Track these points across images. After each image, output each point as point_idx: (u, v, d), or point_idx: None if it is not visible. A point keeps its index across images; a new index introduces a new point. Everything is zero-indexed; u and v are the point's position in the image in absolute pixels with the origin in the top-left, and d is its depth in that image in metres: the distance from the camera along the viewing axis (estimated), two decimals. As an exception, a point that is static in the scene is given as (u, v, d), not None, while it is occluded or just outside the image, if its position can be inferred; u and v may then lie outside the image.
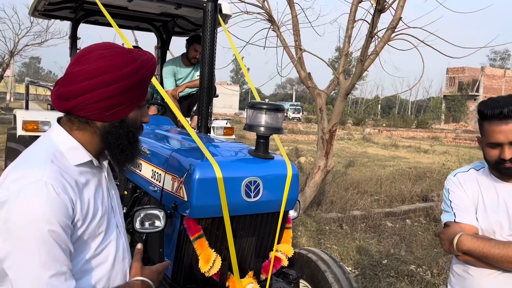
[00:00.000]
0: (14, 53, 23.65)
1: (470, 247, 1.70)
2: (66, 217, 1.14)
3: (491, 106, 1.64)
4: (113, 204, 1.39)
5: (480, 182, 1.81)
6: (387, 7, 5.69)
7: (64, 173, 1.19)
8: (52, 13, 3.95)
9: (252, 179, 2.01)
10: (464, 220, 1.79)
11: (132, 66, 1.23)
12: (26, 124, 3.20)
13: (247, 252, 2.18)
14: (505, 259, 1.65)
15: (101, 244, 1.28)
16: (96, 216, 1.25)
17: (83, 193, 1.23)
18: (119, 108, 1.25)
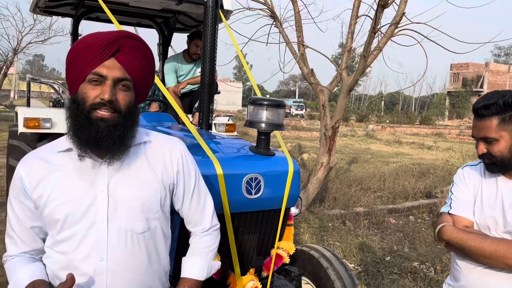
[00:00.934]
0: (17, 50, 23.68)
1: (449, 237, 1.74)
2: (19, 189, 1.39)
3: (477, 101, 1.72)
4: (103, 199, 1.37)
5: (485, 176, 1.82)
6: (390, 2, 5.65)
7: (40, 158, 1.40)
8: (53, 10, 3.94)
9: (253, 175, 1.99)
10: (457, 212, 1.82)
11: (69, 50, 1.39)
12: (28, 121, 3.19)
13: (248, 249, 2.16)
14: (480, 253, 1.66)
15: (60, 233, 1.36)
16: (52, 201, 1.35)
17: (52, 177, 1.37)
18: (71, 85, 1.37)
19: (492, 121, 1.66)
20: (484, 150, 1.70)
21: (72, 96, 1.36)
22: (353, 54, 7.17)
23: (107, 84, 1.32)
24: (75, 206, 1.33)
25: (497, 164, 1.69)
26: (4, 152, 11.38)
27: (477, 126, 1.70)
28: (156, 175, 1.46)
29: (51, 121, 3.29)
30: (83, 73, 1.32)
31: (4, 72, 24.55)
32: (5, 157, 10.65)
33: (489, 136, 1.67)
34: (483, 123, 1.68)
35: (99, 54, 1.31)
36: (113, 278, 1.36)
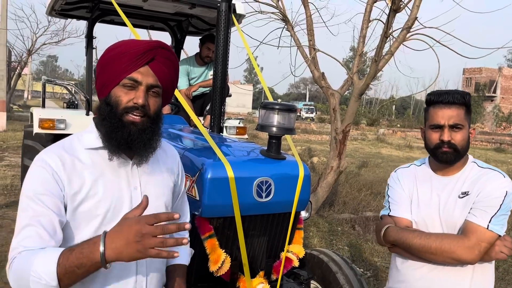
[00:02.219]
0: (32, 51, 24.03)
1: (395, 238, 1.79)
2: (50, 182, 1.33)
3: (438, 93, 1.79)
4: (136, 197, 1.46)
5: (418, 177, 1.90)
6: (402, 7, 5.63)
7: (66, 154, 1.38)
8: (69, 13, 4.01)
9: (264, 179, 2.01)
10: (397, 214, 1.87)
11: (103, 53, 1.44)
12: (43, 122, 3.25)
13: (258, 252, 2.18)
14: (426, 250, 1.71)
15: (99, 229, 1.37)
16: (92, 197, 1.37)
17: (84, 173, 1.38)
18: (103, 87, 1.41)
19: (460, 109, 1.75)
20: (450, 137, 1.74)
21: (103, 98, 1.42)
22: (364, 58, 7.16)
23: (141, 89, 1.39)
24: (114, 202, 1.41)
25: (458, 152, 1.75)
26: (18, 152, 11.56)
27: (446, 113, 1.75)
28: (169, 176, 1.61)
29: (65, 122, 3.35)
30: (118, 77, 1.38)
31: (19, 72, 24.91)
32: (18, 156, 10.83)
33: (459, 123, 1.74)
34: (454, 111, 1.74)
35: (136, 60, 1.38)
36: (150, 267, 1.48)
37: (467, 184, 1.78)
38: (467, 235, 1.68)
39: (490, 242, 1.68)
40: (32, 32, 23.18)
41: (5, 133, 15.33)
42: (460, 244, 1.67)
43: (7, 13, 16.96)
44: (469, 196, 1.75)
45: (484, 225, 1.67)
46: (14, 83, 24.48)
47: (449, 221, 1.77)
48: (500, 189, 1.71)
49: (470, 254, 1.66)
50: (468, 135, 1.78)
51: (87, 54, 4.04)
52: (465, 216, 1.73)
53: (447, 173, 1.83)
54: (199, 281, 2.11)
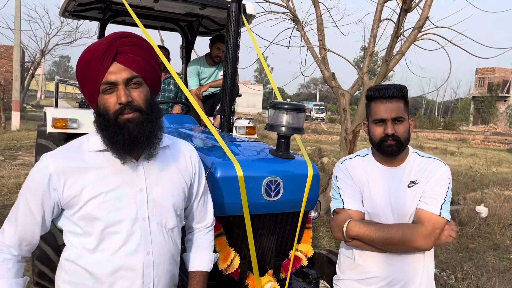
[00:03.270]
0: (45, 52, 24.35)
1: (358, 232, 1.82)
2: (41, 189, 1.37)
3: (378, 89, 1.86)
4: (142, 198, 1.45)
5: (366, 168, 1.94)
6: (413, 6, 5.59)
7: (72, 156, 1.41)
8: (81, 14, 4.06)
9: (273, 178, 2.02)
10: (351, 207, 1.90)
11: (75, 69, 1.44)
12: (56, 121, 3.30)
13: (267, 251, 2.19)
14: (389, 241, 1.77)
15: (103, 231, 1.39)
16: (94, 199, 1.38)
17: (86, 176, 1.39)
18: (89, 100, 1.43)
19: (400, 103, 1.83)
20: (393, 130, 1.81)
21: (95, 109, 1.42)
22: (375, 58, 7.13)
23: (120, 88, 1.38)
24: (117, 204, 1.40)
25: (401, 144, 1.82)
26: (31, 151, 11.74)
27: (387, 108, 1.81)
28: (181, 176, 1.58)
29: (77, 121, 3.39)
30: (95, 86, 1.38)
31: (32, 73, 25.26)
32: (32, 155, 10.99)
33: (401, 116, 1.82)
34: (394, 104, 1.82)
35: (101, 63, 1.36)
36: (158, 269, 1.47)
37: (414, 173, 1.86)
38: (424, 223, 1.76)
39: (442, 228, 1.78)
40: (45, 33, 23.52)
41: (18, 133, 15.57)
42: (420, 233, 1.75)
43: (20, 14, 17.21)
44: (417, 185, 1.83)
45: (437, 212, 1.77)
46: (28, 83, 24.83)
47: (400, 210, 1.83)
48: (444, 178, 1.83)
49: (428, 241, 1.76)
50: (409, 126, 1.86)
51: (99, 55, 4.09)
52: (415, 205, 1.82)
53: (393, 164, 1.90)
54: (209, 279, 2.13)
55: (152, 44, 2.86)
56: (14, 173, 8.50)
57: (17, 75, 17.59)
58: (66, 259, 1.45)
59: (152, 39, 2.89)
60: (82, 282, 1.42)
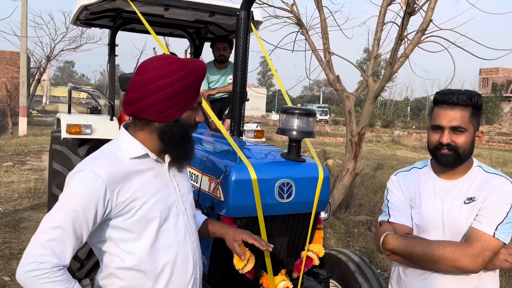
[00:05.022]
0: (50, 57, 24.57)
1: (395, 245, 1.72)
2: (95, 201, 1.38)
3: (444, 93, 1.72)
4: (177, 195, 1.60)
5: (420, 180, 1.83)
6: (417, 9, 5.66)
7: (116, 165, 1.44)
8: (92, 22, 4.16)
9: (285, 181, 2.10)
10: (397, 220, 1.81)
11: (180, 73, 1.44)
12: (70, 127, 3.39)
13: (280, 251, 2.26)
14: (428, 258, 1.65)
15: (159, 229, 1.50)
16: (146, 203, 1.47)
17: (133, 182, 1.45)
18: (172, 110, 1.46)
19: (465, 111, 1.67)
20: (449, 140, 1.68)
21: (169, 120, 1.48)
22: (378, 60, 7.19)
23: (199, 109, 1.56)
24: (163, 203, 1.53)
25: (459, 155, 1.68)
26: (39, 156, 11.87)
27: (448, 115, 1.68)
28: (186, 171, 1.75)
29: (91, 127, 3.49)
30: (191, 102, 1.49)
31: (38, 78, 25.48)
32: (40, 160, 11.12)
33: (462, 126, 1.67)
34: (457, 112, 1.67)
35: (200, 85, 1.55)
36: (199, 255, 1.66)
37: (473, 189, 1.71)
38: (471, 242, 1.62)
39: (494, 251, 1.62)
40: (51, 39, 23.75)
41: (26, 138, 15.73)
42: (464, 252, 1.60)
43: (27, 20, 17.41)
44: (475, 202, 1.68)
45: (490, 232, 1.61)
46: (34, 89, 25.06)
47: (453, 227, 1.70)
48: (507, 197, 1.65)
49: (474, 263, 1.60)
50: (473, 138, 1.71)
51: (110, 62, 4.19)
52: (470, 223, 1.67)
53: (451, 177, 1.76)
54: (224, 279, 2.21)
55: (165, 50, 2.96)
56: (24, 178, 8.61)
57: (24, 81, 17.78)
58: (120, 268, 1.48)
59: (164, 46, 2.98)
60: (142, 283, 1.50)
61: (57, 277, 1.33)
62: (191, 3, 3.35)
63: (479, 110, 1.71)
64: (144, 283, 1.50)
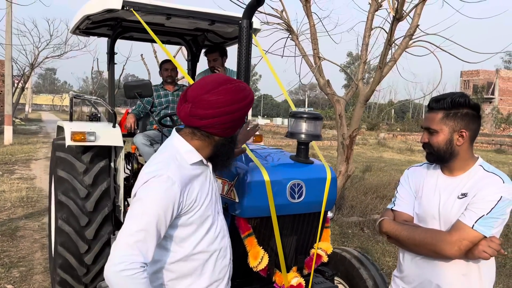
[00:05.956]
0: (34, 65, 24.30)
1: (387, 229, 1.95)
2: (172, 204, 1.54)
3: (432, 97, 1.93)
4: (217, 194, 1.79)
5: (427, 174, 2.01)
6: (405, 15, 5.86)
7: (182, 170, 1.61)
8: (92, 31, 4.21)
9: (296, 182, 2.20)
10: (398, 208, 2.02)
11: (247, 99, 1.67)
12: (74, 135, 3.44)
13: (291, 249, 2.37)
14: (411, 242, 1.85)
15: (211, 226, 1.70)
16: (204, 203, 1.66)
17: (194, 185, 1.64)
18: (234, 128, 1.69)
19: (438, 114, 1.86)
20: (426, 139, 1.90)
21: (227, 136, 1.69)
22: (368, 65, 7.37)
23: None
24: (212, 202, 1.73)
25: (433, 154, 1.89)
26: (27, 165, 11.75)
27: (425, 117, 1.93)
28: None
29: (95, 134, 3.54)
30: (242, 121, 1.73)
31: (22, 86, 25.15)
32: (29, 169, 11.02)
33: (431, 127, 1.87)
34: (430, 115, 1.89)
35: None
36: (230, 246, 1.85)
37: (468, 186, 1.84)
38: (451, 231, 1.79)
39: (472, 241, 1.74)
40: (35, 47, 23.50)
41: (12, 147, 15.52)
42: (442, 238, 1.78)
43: (11, 28, 17.23)
44: (466, 197, 1.82)
45: (470, 224, 1.75)
46: (18, 97, 24.71)
47: (447, 219, 1.85)
48: (494, 194, 1.76)
49: (451, 250, 1.76)
50: (449, 138, 1.84)
51: (109, 70, 4.24)
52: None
53: (452, 173, 1.91)
54: (238, 277, 2.30)
55: (170, 57, 3.06)
56: (15, 187, 8.53)
57: (9, 89, 17.56)
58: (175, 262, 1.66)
59: (171, 54, 3.07)
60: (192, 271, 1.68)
61: (144, 278, 1.47)
62: (193, 12, 3.44)
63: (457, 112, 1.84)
64: (196, 269, 1.68)
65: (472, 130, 1.86)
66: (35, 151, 14.63)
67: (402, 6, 5.66)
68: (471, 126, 1.85)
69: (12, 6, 16.29)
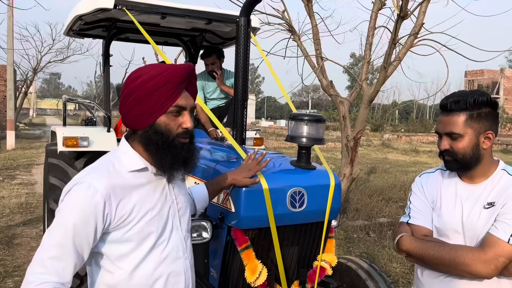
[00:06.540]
0: (37, 70, 24.27)
1: (409, 248, 1.73)
2: (94, 215, 1.34)
3: (446, 97, 1.71)
4: (174, 209, 1.55)
5: (443, 182, 1.81)
6: (409, 13, 5.69)
7: (114, 177, 1.40)
8: (86, 32, 4.08)
9: (297, 189, 2.04)
10: (416, 222, 1.80)
11: (138, 80, 1.42)
12: (66, 140, 3.31)
13: (293, 262, 2.20)
14: (440, 262, 1.64)
15: (156, 246, 1.46)
16: (144, 217, 1.43)
17: (131, 196, 1.42)
18: (143, 116, 1.42)
19: (460, 116, 1.65)
20: (447, 146, 1.67)
21: (144, 127, 1.43)
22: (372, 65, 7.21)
23: (186, 114, 1.47)
24: (160, 217, 1.49)
25: (458, 161, 1.67)
26: (28, 170, 11.65)
27: (443, 121, 1.68)
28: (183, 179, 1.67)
29: (88, 139, 3.40)
30: (164, 106, 1.42)
31: (25, 91, 25.14)
32: (30, 174, 10.91)
33: (455, 132, 1.65)
34: (451, 118, 1.66)
35: (178, 88, 1.44)
36: (192, 271, 1.60)
37: (494, 193, 1.66)
38: (484, 248, 1.59)
39: (509, 257, 1.57)
40: (37, 51, 23.47)
41: (14, 152, 15.46)
42: (476, 257, 1.57)
43: (13, 33, 17.20)
44: (494, 207, 1.64)
45: (505, 238, 1.57)
46: (21, 102, 24.69)
47: (472, 233, 1.67)
48: None
49: (486, 269, 1.56)
50: (476, 142, 1.65)
51: (104, 72, 4.11)
52: (488, 228, 1.63)
53: (473, 180, 1.72)
54: (236, 293, 2.14)
55: (166, 60, 2.91)
56: (15, 193, 8.42)
57: (11, 94, 17.52)
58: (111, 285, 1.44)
59: (165, 56, 2.93)
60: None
61: None
62: (188, 11, 3.30)
63: (480, 113, 1.65)
64: None
65: (495, 131, 1.70)
66: (38, 156, 14.53)
67: (406, 4, 5.49)
68: (494, 127, 1.68)
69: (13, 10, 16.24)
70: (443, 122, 1.68)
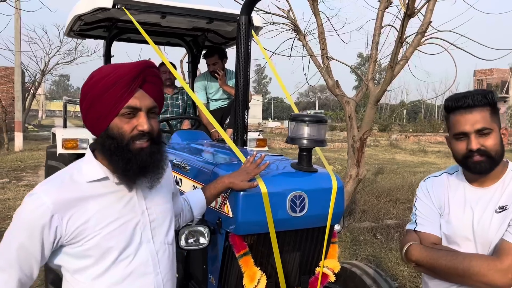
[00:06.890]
0: (45, 72, 24.43)
1: (418, 257, 1.63)
2: (41, 229, 1.26)
3: (456, 98, 1.60)
4: (144, 220, 1.44)
5: (450, 186, 1.73)
6: (416, 11, 5.59)
7: (68, 189, 1.31)
8: (86, 33, 4.04)
9: (297, 193, 1.96)
10: (423, 229, 1.72)
11: (91, 81, 1.35)
12: (66, 142, 3.26)
13: (293, 269, 2.12)
14: (453, 272, 1.54)
15: (119, 260, 1.36)
16: (103, 230, 1.33)
17: (87, 207, 1.32)
18: (98, 120, 1.34)
19: (484, 111, 1.56)
20: (479, 144, 1.55)
21: (100, 131, 1.35)
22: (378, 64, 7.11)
23: (141, 115, 1.35)
24: (124, 231, 1.38)
25: (492, 159, 1.55)
26: (35, 171, 11.69)
27: (468, 119, 1.56)
28: (167, 188, 1.59)
29: (88, 141, 3.35)
30: (115, 108, 1.32)
31: (33, 93, 25.31)
32: (37, 175, 10.94)
33: (487, 127, 1.55)
34: (476, 114, 1.55)
35: (129, 87, 1.33)
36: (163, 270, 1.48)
37: (506, 196, 1.58)
38: (500, 256, 1.49)
39: None
40: (45, 53, 23.62)
41: (22, 153, 15.54)
42: (492, 266, 1.48)
43: (20, 35, 17.30)
44: (507, 211, 1.55)
45: None
46: (29, 104, 24.87)
47: (483, 239, 1.58)
48: None
49: (503, 278, 1.47)
50: (500, 137, 1.58)
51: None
52: (501, 234, 1.54)
53: (484, 183, 1.64)
54: (235, 301, 2.06)
55: (164, 60, 2.85)
56: (20, 195, 8.43)
57: (19, 95, 17.63)
58: None
59: (164, 56, 2.86)
60: None
61: None
62: (188, 10, 3.24)
63: (496, 108, 1.60)
64: None
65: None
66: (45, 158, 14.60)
67: (413, 2, 5.39)
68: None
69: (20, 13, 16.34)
70: (469, 120, 1.56)
